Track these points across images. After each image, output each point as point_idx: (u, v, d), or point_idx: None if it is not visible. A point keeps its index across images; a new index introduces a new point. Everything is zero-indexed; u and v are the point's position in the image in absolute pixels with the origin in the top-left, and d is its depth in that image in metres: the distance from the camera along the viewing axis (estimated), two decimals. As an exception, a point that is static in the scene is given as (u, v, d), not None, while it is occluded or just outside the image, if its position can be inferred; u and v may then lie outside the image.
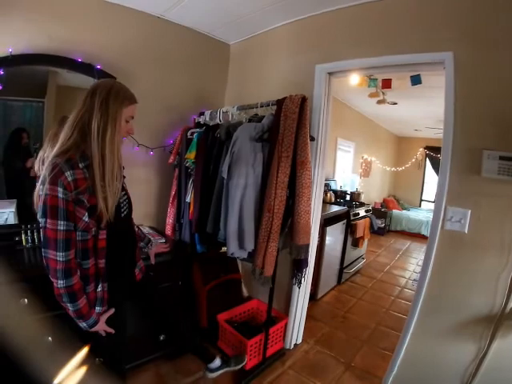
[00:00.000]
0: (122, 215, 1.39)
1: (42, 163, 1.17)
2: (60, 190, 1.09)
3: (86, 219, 1.17)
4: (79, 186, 1.13)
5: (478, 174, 1.58)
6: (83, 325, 1.26)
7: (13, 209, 1.93)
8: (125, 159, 1.55)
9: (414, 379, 1.90)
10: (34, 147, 1.95)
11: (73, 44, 2.02)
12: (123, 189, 1.43)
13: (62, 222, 1.11)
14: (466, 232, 1.63)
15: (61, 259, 1.13)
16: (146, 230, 2.40)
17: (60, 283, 1.15)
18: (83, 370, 1.68)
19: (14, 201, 1.96)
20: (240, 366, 2.04)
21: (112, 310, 1.38)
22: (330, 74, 2.23)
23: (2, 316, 1.48)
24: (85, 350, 1.83)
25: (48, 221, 1.10)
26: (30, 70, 1.89)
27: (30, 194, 1.92)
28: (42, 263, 1.16)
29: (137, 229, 1.74)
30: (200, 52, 2.79)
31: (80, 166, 1.14)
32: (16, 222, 1.94)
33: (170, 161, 2.46)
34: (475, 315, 1.63)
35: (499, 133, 1.55)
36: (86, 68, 2.05)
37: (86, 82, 2.00)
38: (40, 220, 1.13)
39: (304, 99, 1.82)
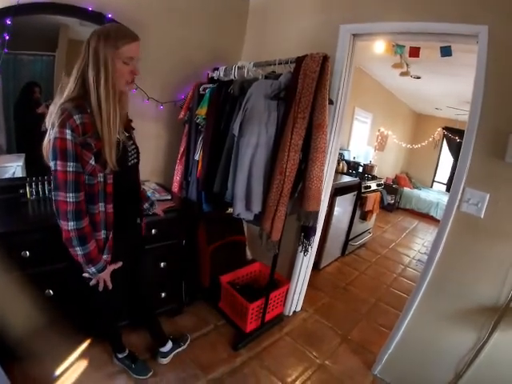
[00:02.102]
0: (129, 163, 1.39)
1: None
2: (68, 132, 1.09)
3: (93, 163, 1.18)
4: (87, 130, 1.13)
5: (502, 158, 1.47)
6: (92, 270, 1.27)
7: (20, 163, 1.92)
8: (134, 112, 1.53)
9: (408, 360, 1.90)
10: (46, 103, 1.89)
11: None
12: (131, 138, 1.42)
13: (72, 164, 1.12)
14: (482, 217, 1.55)
15: (71, 200, 1.14)
16: (152, 185, 2.35)
17: (70, 225, 1.16)
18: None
19: (23, 155, 1.94)
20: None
21: (120, 263, 1.39)
22: (355, 35, 2.07)
23: (3, 269, 1.48)
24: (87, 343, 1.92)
25: (58, 163, 1.11)
26: (40, 23, 1.79)
27: (38, 148, 1.89)
28: (47, 214, 1.15)
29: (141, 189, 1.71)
30: (217, 5, 2.61)
31: (88, 110, 1.14)
32: (23, 176, 1.92)
33: (181, 116, 2.37)
34: (480, 304, 1.58)
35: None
36: (97, 17, 1.92)
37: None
38: (51, 164, 1.13)
39: (326, 58, 1.69)
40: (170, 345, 1.95)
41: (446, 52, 2.00)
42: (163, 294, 2.18)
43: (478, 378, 1.61)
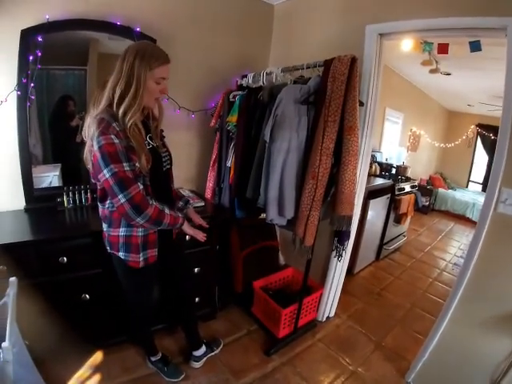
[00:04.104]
0: (164, 169, 1.47)
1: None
2: (113, 136, 1.16)
3: (138, 165, 1.24)
4: (124, 137, 1.20)
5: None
6: (178, 224, 1.42)
7: (57, 172, 2.02)
8: (166, 122, 1.59)
9: (443, 368, 1.82)
10: (79, 115, 2.00)
11: (110, 7, 1.95)
12: (164, 146, 1.51)
13: (126, 164, 1.19)
14: (519, 217, 1.46)
15: (141, 187, 1.23)
16: (186, 193, 2.40)
17: (153, 204, 1.26)
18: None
19: (59, 165, 2.04)
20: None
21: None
22: (382, 35, 2.03)
23: (41, 273, 1.56)
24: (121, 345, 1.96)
25: (113, 165, 1.16)
26: (71, 39, 1.88)
27: (74, 158, 1.97)
28: (84, 221, 1.18)
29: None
30: (242, 13, 2.66)
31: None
32: (60, 185, 2.02)
33: (212, 124, 2.41)
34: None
35: None
36: (125, 31, 1.99)
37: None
38: (104, 171, 1.17)
39: (354, 60, 1.67)
40: (203, 349, 1.97)
41: (475, 47, 1.92)
42: (197, 299, 2.21)
43: (515, 387, 1.52)
